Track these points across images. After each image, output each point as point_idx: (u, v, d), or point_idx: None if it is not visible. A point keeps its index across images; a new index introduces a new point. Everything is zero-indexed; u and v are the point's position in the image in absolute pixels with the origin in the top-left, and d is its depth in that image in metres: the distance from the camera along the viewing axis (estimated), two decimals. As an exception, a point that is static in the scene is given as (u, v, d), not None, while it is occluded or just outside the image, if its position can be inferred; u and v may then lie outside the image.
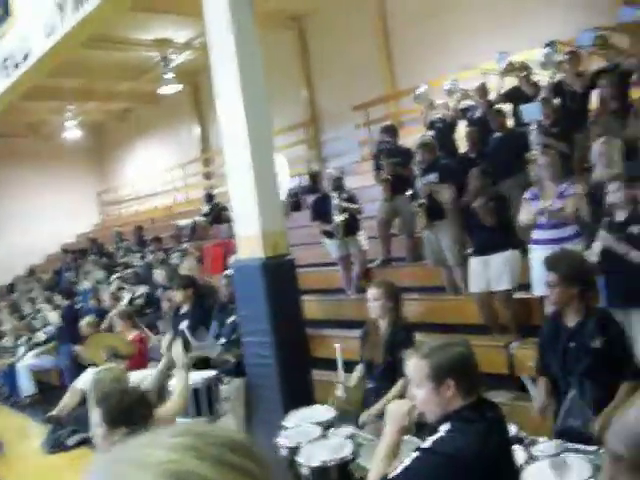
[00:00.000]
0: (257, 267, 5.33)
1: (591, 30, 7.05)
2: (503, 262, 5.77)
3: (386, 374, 4.24)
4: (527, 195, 5.55)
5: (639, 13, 6.77)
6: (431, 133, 8.11)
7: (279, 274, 5.41)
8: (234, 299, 5.89)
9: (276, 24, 13.30)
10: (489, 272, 5.84)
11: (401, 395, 4.13)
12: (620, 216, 4.56)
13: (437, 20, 11.07)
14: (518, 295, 5.98)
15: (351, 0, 12.23)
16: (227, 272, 6.73)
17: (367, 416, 4.15)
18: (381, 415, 3.35)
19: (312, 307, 7.59)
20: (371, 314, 4.42)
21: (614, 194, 4.54)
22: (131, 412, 2.90)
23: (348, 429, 3.87)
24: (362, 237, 7.81)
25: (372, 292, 4.38)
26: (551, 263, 3.63)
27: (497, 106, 7.63)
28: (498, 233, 5.78)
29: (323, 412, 4.23)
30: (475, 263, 5.98)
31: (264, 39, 11.06)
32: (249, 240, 5.50)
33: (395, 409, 2.53)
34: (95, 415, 3.01)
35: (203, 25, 5.80)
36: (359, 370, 4.60)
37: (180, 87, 14.80)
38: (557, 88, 7.21)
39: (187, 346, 5.06)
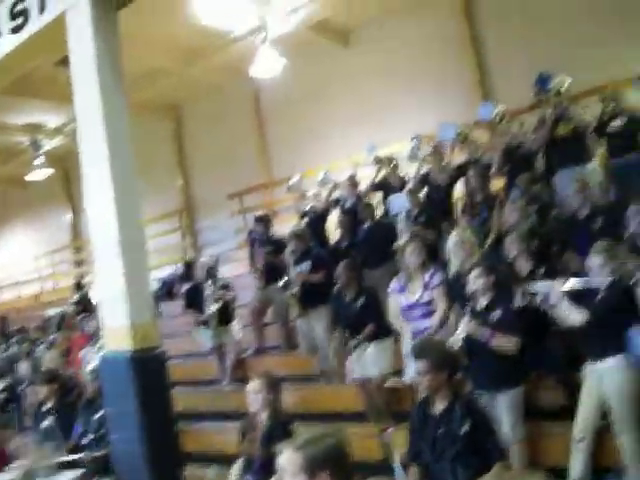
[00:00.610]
0: (125, 360, 5.09)
1: (453, 125, 7.53)
2: (377, 350, 5.86)
3: (265, 469, 4.11)
4: (394, 286, 5.67)
5: (496, 111, 7.31)
6: (303, 223, 8.28)
7: (148, 367, 5.19)
8: (101, 394, 5.61)
9: (153, 112, 13.38)
10: (363, 360, 5.90)
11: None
12: (482, 303, 4.75)
13: (311, 112, 11.52)
14: (391, 382, 6.05)
15: (227, 91, 12.53)
16: (92, 366, 6.41)
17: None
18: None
19: (185, 399, 7.36)
20: (250, 407, 4.33)
21: (475, 281, 4.73)
22: None
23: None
24: (236, 326, 7.73)
25: (252, 385, 4.31)
26: (420, 351, 3.69)
27: (367, 197, 7.90)
28: (372, 321, 5.89)
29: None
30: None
31: (141, 126, 11.16)
32: (116, 331, 5.28)
33: None
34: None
35: (74, 111, 5.73)
36: (238, 465, 4.46)
37: (50, 172, 14.37)
38: (423, 179, 7.59)
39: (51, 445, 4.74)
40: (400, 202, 6.87)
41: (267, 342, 8.00)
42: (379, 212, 7.82)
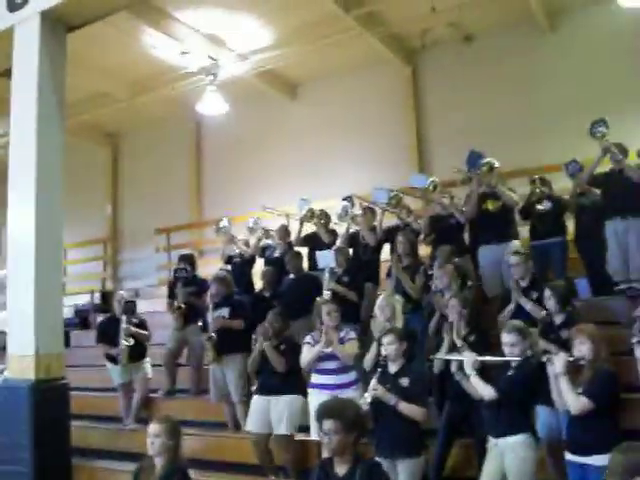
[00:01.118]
0: (25, 389, 4.93)
1: (386, 189, 7.66)
2: (285, 406, 5.80)
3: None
4: (308, 339, 5.72)
5: (430, 180, 7.48)
6: (229, 267, 8.22)
7: (49, 399, 5.04)
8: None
9: (91, 137, 13.27)
10: (271, 414, 5.84)
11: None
12: (392, 368, 4.78)
13: (250, 158, 11.61)
14: (298, 437, 6.01)
15: (169, 125, 12.54)
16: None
17: None
18: None
19: (86, 434, 7.14)
20: (149, 450, 4.20)
21: (387, 347, 4.78)
22: None
23: None
24: (147, 364, 7.54)
25: (152, 428, 4.17)
26: (330, 411, 3.64)
27: (295, 249, 7.92)
28: (285, 376, 5.85)
29: None
30: (257, 401, 5.97)
31: (76, 149, 11.00)
32: (21, 359, 5.11)
33: None
34: None
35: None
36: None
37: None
38: (352, 239, 7.67)
39: None
40: (327, 258, 6.90)
41: (178, 384, 7.81)
42: (306, 266, 7.84)
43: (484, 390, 4.39)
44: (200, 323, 6.91)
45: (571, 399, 4.02)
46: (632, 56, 8.60)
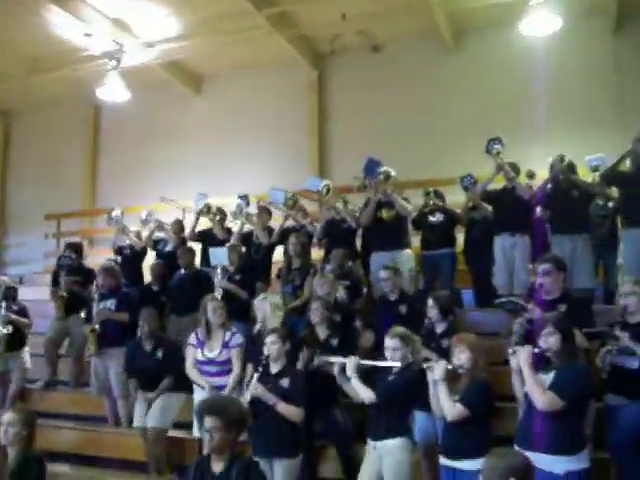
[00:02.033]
0: None
1: (283, 190, 7.66)
2: (160, 400, 5.76)
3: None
4: (192, 340, 5.66)
5: (324, 184, 7.53)
6: (119, 258, 8.00)
7: None
8: None
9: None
10: (151, 409, 5.77)
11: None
12: (274, 368, 4.79)
13: (149, 149, 11.39)
14: (175, 434, 5.94)
15: (66, 108, 12.15)
16: None
17: None
18: None
19: None
20: (2, 439, 4.08)
21: (270, 346, 4.78)
22: None
23: None
24: (26, 354, 7.23)
25: (8, 417, 4.12)
26: (212, 408, 3.59)
27: (189, 244, 7.79)
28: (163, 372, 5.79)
29: None
30: (142, 398, 5.87)
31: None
32: None
33: None
34: None
35: None
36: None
37: None
38: (245, 238, 7.62)
39: None
40: (219, 255, 6.82)
41: (58, 375, 7.54)
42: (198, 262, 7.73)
43: (364, 393, 4.45)
44: (83, 314, 6.70)
45: (448, 406, 4.14)
46: (529, 80, 8.97)
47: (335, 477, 5.26)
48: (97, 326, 6.40)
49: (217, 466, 3.52)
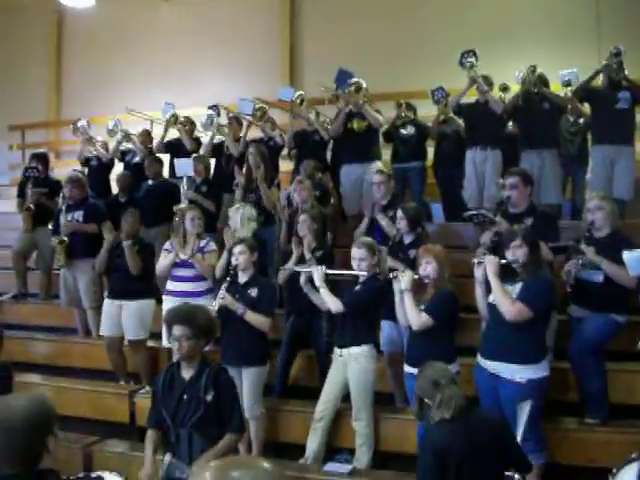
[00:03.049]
0: None
1: (251, 100, 7.51)
2: (136, 310, 5.78)
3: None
4: (167, 246, 5.69)
5: (297, 94, 7.40)
6: (85, 170, 7.87)
7: None
8: None
9: None
10: (122, 318, 5.80)
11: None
12: (242, 278, 4.82)
13: (116, 57, 11.01)
14: (150, 344, 6.01)
15: (28, 9, 11.54)
16: None
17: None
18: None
19: None
20: None
21: (238, 256, 4.79)
22: None
23: None
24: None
25: None
26: (181, 316, 3.61)
27: (157, 155, 7.66)
28: (137, 280, 5.78)
29: None
30: (108, 305, 5.90)
31: None
32: None
33: None
34: None
35: None
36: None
37: None
38: (215, 149, 7.51)
39: None
40: (186, 166, 6.71)
41: (27, 288, 7.53)
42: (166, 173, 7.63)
43: (332, 303, 4.52)
44: (51, 226, 6.63)
45: (413, 315, 4.22)
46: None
47: (309, 385, 5.37)
48: (65, 238, 6.35)
49: (187, 372, 3.58)
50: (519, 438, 3.49)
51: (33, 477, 2.06)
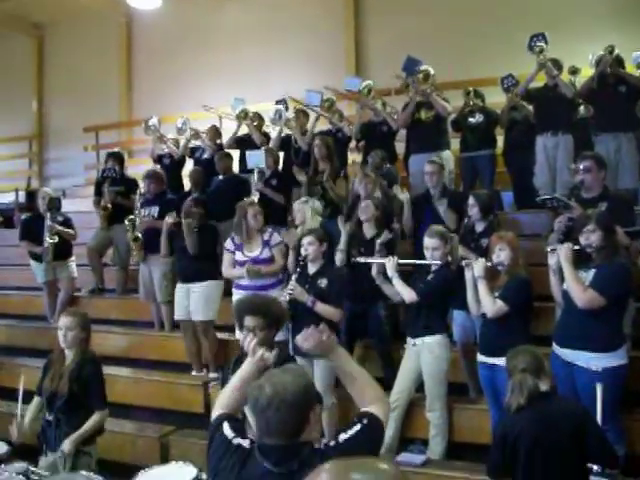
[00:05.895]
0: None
1: (319, 92, 7.52)
2: (202, 291, 5.88)
3: (69, 406, 4.05)
4: (228, 245, 5.64)
5: (365, 84, 7.37)
6: (158, 167, 8.04)
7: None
8: None
9: (16, 27, 12.60)
10: (190, 301, 5.92)
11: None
12: (311, 269, 4.83)
13: (184, 56, 11.24)
14: (221, 336, 6.10)
15: (99, 17, 11.93)
16: None
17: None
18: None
19: (11, 333, 7.37)
20: (61, 343, 4.21)
21: (307, 247, 4.80)
22: None
23: (21, 465, 3.64)
24: (73, 264, 7.41)
25: (65, 321, 4.19)
26: (254, 307, 3.62)
27: (226, 150, 7.75)
28: (200, 261, 5.89)
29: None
30: (179, 290, 6.04)
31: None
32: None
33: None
34: None
35: None
36: (36, 401, 4.32)
37: None
38: (284, 142, 7.54)
39: None
40: (256, 159, 6.76)
41: (104, 284, 7.75)
42: (236, 168, 7.71)
43: (406, 293, 4.49)
44: (127, 222, 6.80)
45: (487, 302, 4.16)
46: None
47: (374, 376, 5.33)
48: (140, 234, 6.51)
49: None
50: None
51: (296, 447, 2.17)
